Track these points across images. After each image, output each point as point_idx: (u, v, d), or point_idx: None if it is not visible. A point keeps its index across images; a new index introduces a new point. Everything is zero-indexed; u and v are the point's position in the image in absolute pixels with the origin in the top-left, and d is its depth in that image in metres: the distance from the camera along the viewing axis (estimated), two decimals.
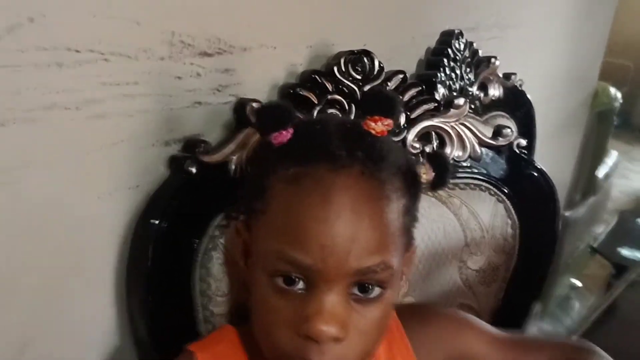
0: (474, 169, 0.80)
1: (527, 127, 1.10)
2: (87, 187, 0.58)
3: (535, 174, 0.83)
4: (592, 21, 1.64)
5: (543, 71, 1.37)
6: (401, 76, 0.75)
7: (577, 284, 2.09)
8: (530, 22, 1.26)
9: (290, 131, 0.52)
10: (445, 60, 0.90)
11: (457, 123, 0.77)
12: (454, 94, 0.91)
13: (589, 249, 2.13)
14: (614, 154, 2.30)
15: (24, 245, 0.55)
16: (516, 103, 1.09)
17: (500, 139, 0.80)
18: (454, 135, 0.77)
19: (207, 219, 0.64)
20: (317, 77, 0.70)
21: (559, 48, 1.47)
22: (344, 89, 0.71)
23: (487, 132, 0.80)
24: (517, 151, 0.82)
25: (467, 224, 0.79)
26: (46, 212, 0.55)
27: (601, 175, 2.09)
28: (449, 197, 0.79)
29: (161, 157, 0.64)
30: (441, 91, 0.86)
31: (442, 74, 0.89)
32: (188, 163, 0.62)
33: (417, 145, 0.75)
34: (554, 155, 1.54)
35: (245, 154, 0.64)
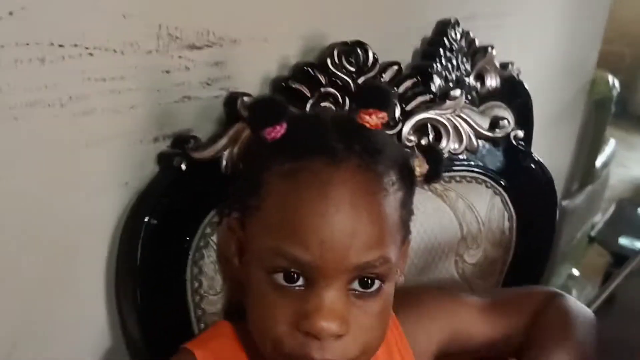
0: (471, 162, 0.79)
1: (524, 116, 1.09)
2: (74, 185, 0.57)
3: (533, 167, 0.82)
4: (589, 9, 1.62)
5: (540, 60, 1.36)
6: (396, 67, 0.74)
7: (575, 273, 2.09)
8: (526, 10, 1.24)
9: (283, 126, 0.51)
10: (442, 50, 0.89)
11: (453, 115, 0.76)
12: (450, 84, 0.90)
13: (587, 238, 2.13)
14: (612, 142, 2.29)
15: (11, 245, 0.53)
16: (513, 93, 1.08)
17: (497, 130, 0.79)
18: (450, 128, 0.76)
19: (199, 216, 0.63)
20: (309, 69, 0.68)
21: (556, 36, 1.45)
22: (338, 81, 0.69)
23: (484, 123, 0.79)
24: (515, 143, 0.81)
25: (463, 217, 0.79)
26: (33, 212, 0.54)
27: (599, 163, 2.08)
28: (444, 190, 0.78)
29: (150, 154, 0.62)
30: (437, 82, 0.85)
31: (438, 65, 0.88)
32: (178, 159, 0.61)
33: (412, 138, 0.74)
34: (552, 144, 1.53)
35: (237, 149, 0.63)
